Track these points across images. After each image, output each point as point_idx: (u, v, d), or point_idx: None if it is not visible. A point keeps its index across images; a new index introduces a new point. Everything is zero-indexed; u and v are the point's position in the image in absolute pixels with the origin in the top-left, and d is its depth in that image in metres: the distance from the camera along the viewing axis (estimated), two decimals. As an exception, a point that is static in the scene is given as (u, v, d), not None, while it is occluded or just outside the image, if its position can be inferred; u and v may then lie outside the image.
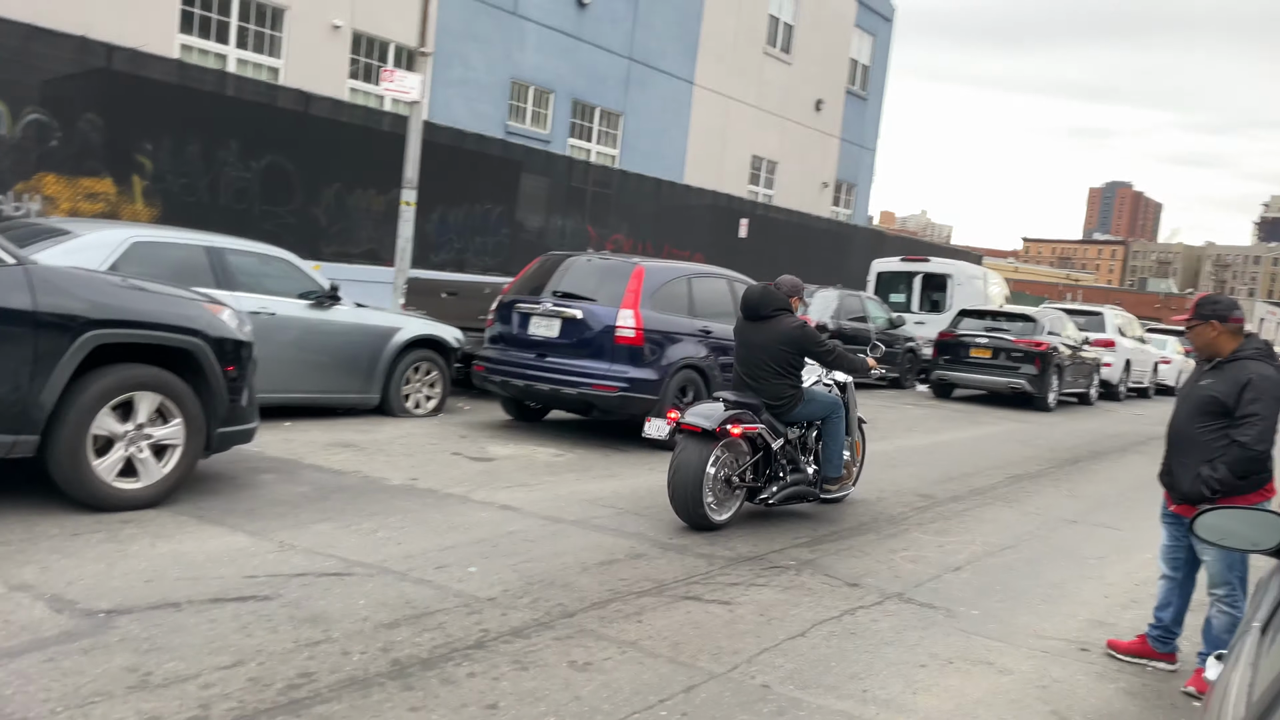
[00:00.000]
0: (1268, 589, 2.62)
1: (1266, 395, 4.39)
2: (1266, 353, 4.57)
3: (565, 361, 8.84)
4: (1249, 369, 4.47)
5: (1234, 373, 4.51)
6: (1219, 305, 4.71)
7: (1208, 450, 4.53)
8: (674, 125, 25.25)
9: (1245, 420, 4.40)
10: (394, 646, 4.03)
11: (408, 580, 4.85)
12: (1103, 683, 4.56)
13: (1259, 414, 4.37)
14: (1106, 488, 9.76)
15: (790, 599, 5.19)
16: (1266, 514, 2.85)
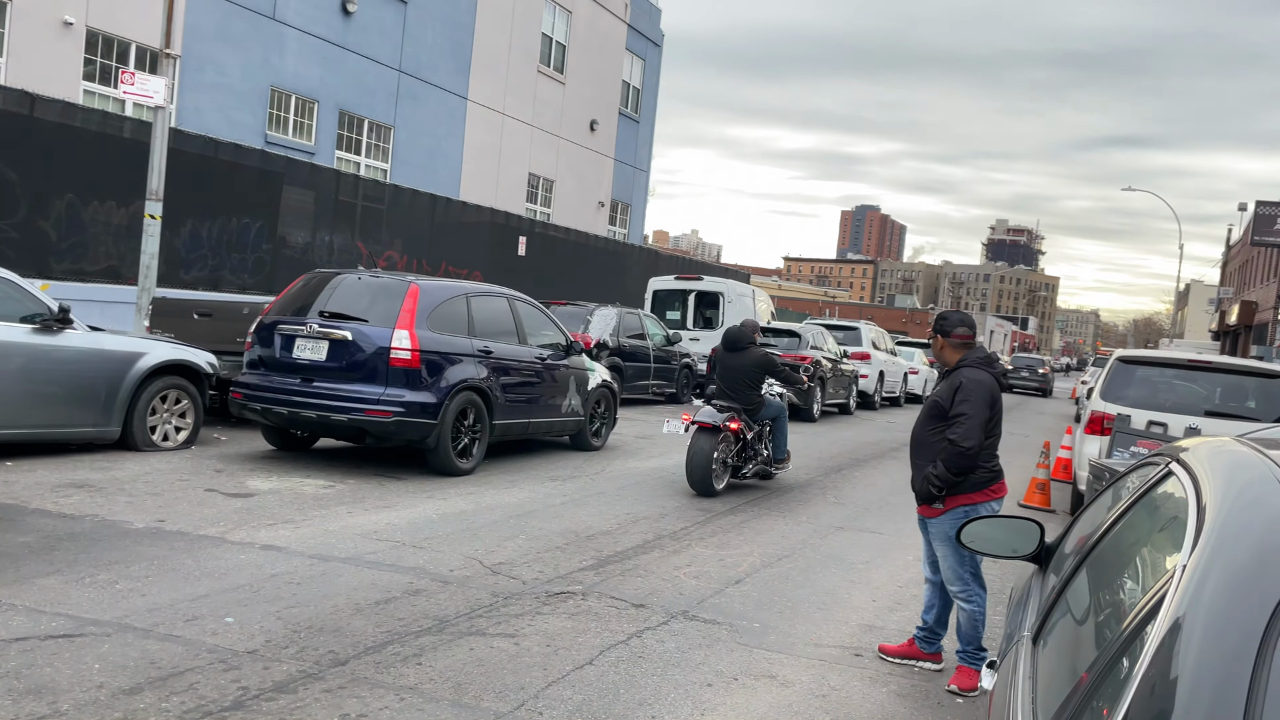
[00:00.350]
0: (1028, 595, 2.74)
1: (973, 396, 4.81)
2: (986, 361, 5.02)
3: (334, 386, 8.34)
4: (963, 375, 4.94)
5: (952, 379, 4.97)
6: (945, 321, 5.24)
7: (934, 451, 4.92)
8: (448, 140, 24.78)
9: (955, 420, 4.81)
10: (135, 715, 3.56)
11: (152, 637, 4.34)
12: (876, 687, 4.72)
13: (966, 413, 4.78)
14: (868, 493, 10.31)
15: (577, 626, 5.06)
16: (1023, 521, 3.00)
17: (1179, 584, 1.25)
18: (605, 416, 11.45)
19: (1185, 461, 1.81)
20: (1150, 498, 1.91)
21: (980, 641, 4.89)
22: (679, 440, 13.01)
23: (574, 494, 8.57)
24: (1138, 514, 1.95)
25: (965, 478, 4.86)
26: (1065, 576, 2.10)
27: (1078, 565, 2.04)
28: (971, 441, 4.75)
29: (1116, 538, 1.97)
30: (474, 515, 7.36)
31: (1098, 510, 2.69)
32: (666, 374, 18.24)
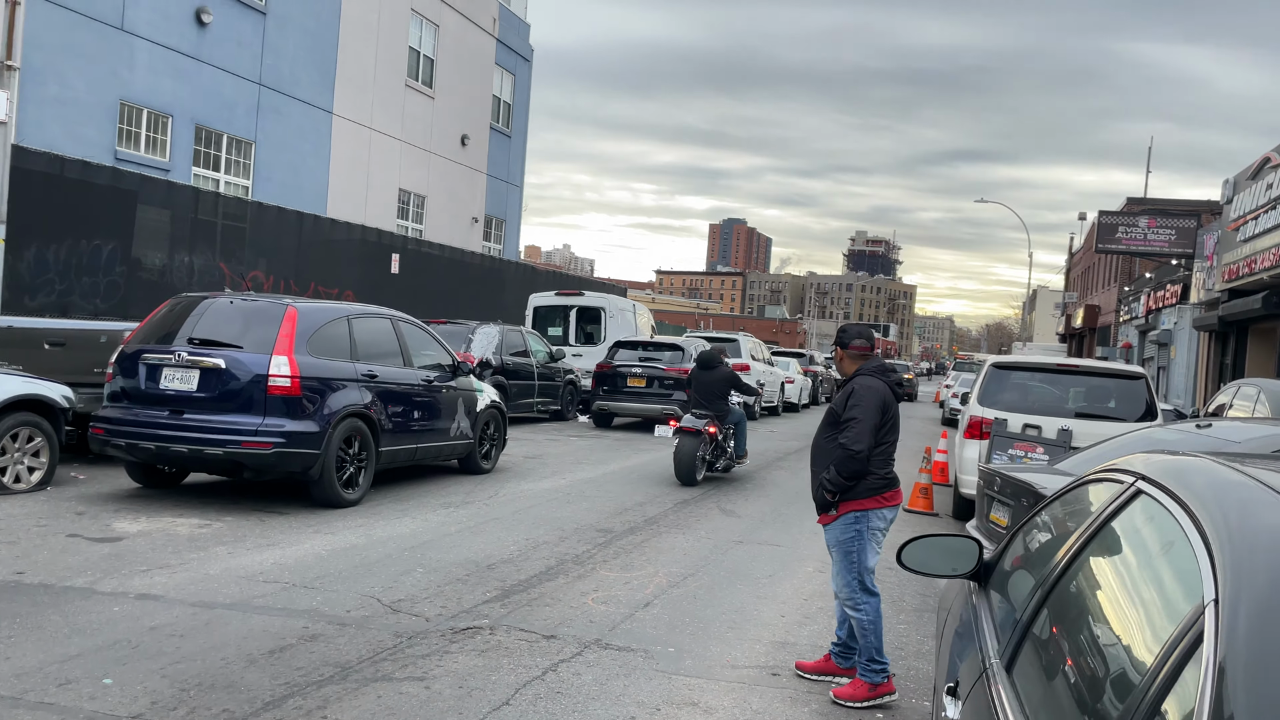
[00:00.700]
0: (976, 616, 2.71)
1: (864, 402, 4.90)
2: (880, 370, 5.13)
3: (207, 418, 7.84)
4: (856, 382, 5.04)
5: (848, 387, 5.06)
6: (845, 334, 5.37)
7: (829, 457, 4.93)
8: (313, 156, 23.94)
9: (845, 424, 4.89)
10: (6, 803, 3.18)
11: (22, 706, 3.91)
12: (797, 707, 4.68)
13: (856, 418, 4.86)
14: (761, 505, 10.37)
15: (489, 663, 4.84)
16: (961, 539, 2.99)
17: (1217, 623, 1.20)
18: (495, 438, 11.19)
19: (1161, 484, 1.79)
20: (1124, 523, 1.89)
21: (876, 652, 4.83)
22: (569, 460, 12.85)
23: (469, 521, 8.30)
24: (1108, 539, 1.92)
25: (857, 483, 4.89)
26: (1031, 603, 2.06)
27: (1046, 593, 2.00)
28: (861, 445, 4.80)
29: (1090, 565, 1.94)
30: (366, 549, 7.01)
31: (1041, 530, 2.69)
32: (551, 391, 18.03)
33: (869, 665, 4.84)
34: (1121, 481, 2.08)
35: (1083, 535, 2.03)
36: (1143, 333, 35.96)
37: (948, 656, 3.21)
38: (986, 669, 2.11)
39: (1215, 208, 29.57)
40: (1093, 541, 1.97)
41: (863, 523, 4.96)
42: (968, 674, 2.31)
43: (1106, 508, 2.02)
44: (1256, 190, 19.55)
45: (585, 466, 12.25)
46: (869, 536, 4.97)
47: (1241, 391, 11.53)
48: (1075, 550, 2.01)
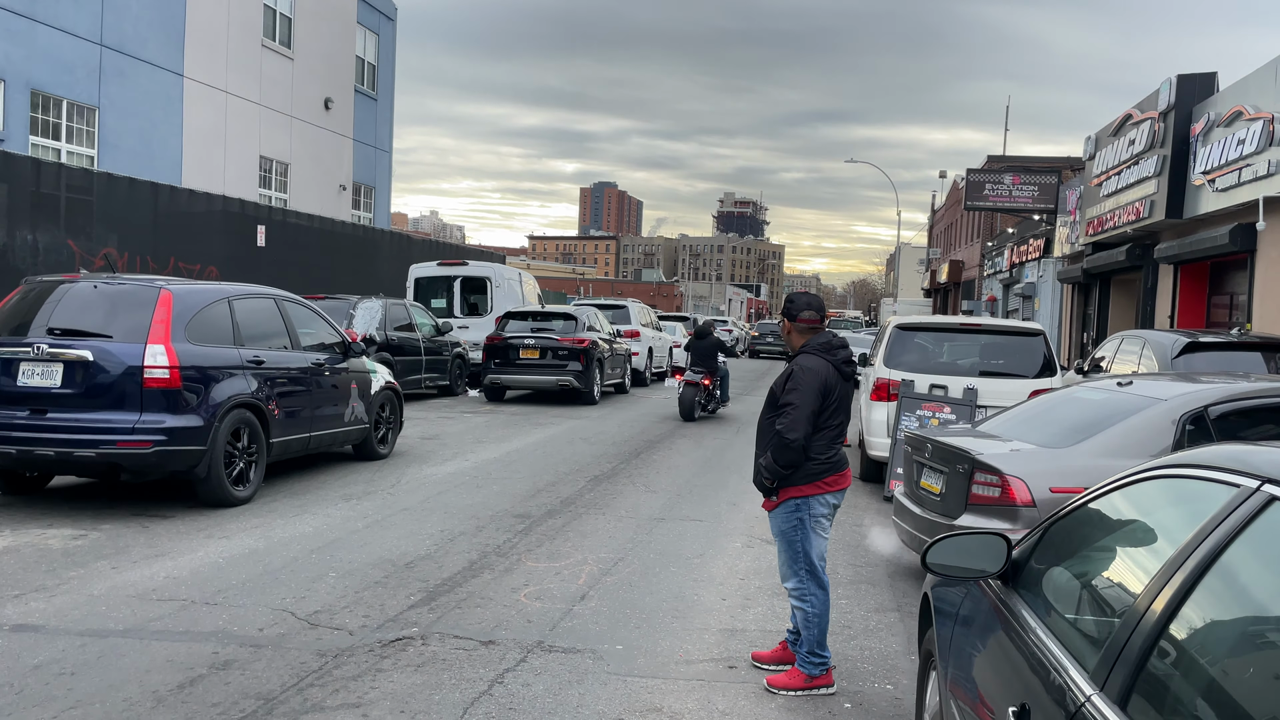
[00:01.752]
0: (1023, 626, 2.47)
1: (802, 386, 4.57)
2: (826, 348, 4.74)
3: (75, 416, 7.03)
4: (797, 362, 4.70)
5: (790, 367, 4.73)
6: (792, 305, 4.98)
7: (769, 441, 4.64)
8: (164, 123, 22.30)
9: (782, 409, 4.59)
10: None
11: (-119, 785, 3.29)
12: (763, 703, 4.44)
13: (793, 403, 4.55)
14: (673, 477, 10.14)
15: (428, 680, 4.42)
16: (987, 536, 2.75)
17: None
18: (391, 421, 10.58)
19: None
20: (1267, 537, 1.65)
21: (818, 645, 4.60)
22: (469, 440, 12.33)
23: (375, 514, 7.76)
24: (1252, 556, 1.68)
25: (795, 470, 4.62)
26: (1139, 630, 1.80)
27: (1165, 621, 1.74)
28: (796, 433, 4.50)
29: (1232, 588, 1.69)
30: (267, 554, 6.42)
31: (1097, 531, 2.45)
32: (439, 366, 17.37)
33: (808, 657, 4.61)
34: (1235, 484, 1.84)
35: (1202, 544, 1.78)
36: (1006, 286, 37.46)
37: (961, 656, 2.99)
38: (1089, 701, 1.85)
39: (1075, 164, 30.87)
40: (1226, 555, 1.72)
41: (804, 510, 4.69)
42: (1044, 698, 2.06)
43: (1227, 515, 1.78)
44: (1119, 146, 20.35)
45: (486, 445, 11.77)
46: (811, 524, 4.70)
47: (1124, 344, 11.91)
48: (1199, 563, 1.76)
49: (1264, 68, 14.79)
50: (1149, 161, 18.49)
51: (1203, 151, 16.57)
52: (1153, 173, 18.26)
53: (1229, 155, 15.43)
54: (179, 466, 7.31)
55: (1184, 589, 1.77)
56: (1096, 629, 2.08)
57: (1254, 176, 14.56)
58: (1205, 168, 16.36)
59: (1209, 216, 16.63)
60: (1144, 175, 18.73)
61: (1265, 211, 14.35)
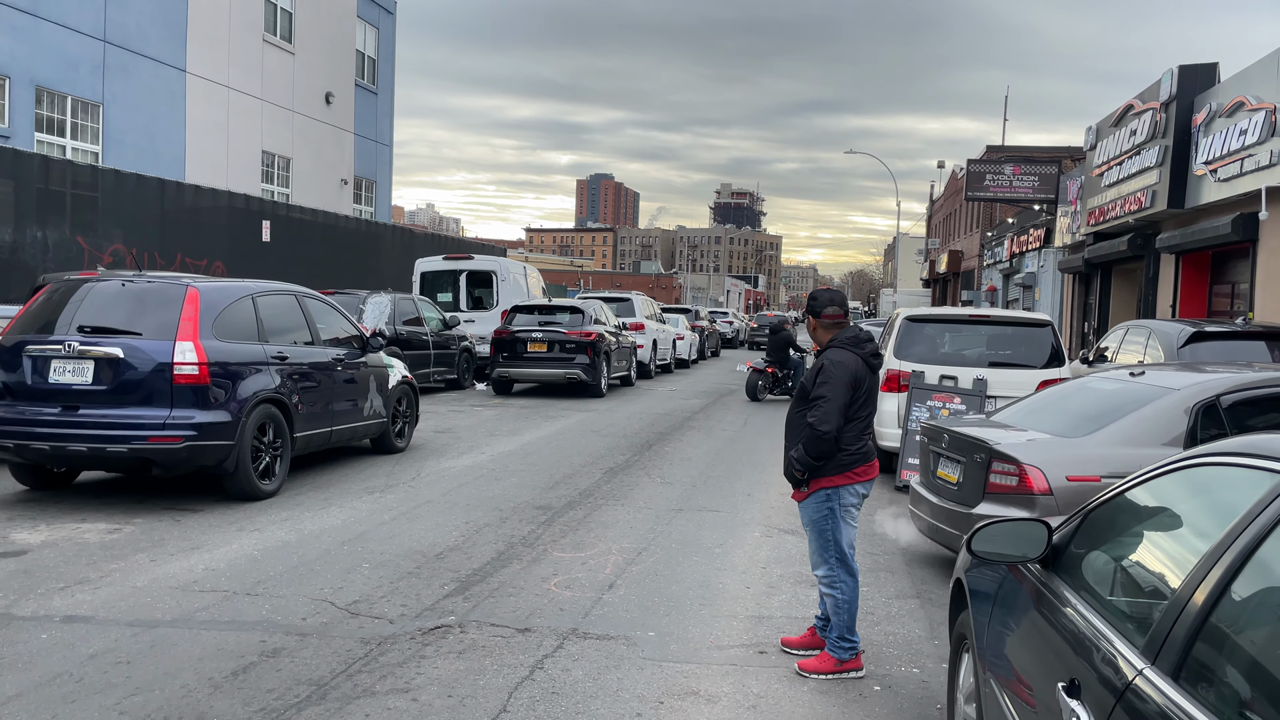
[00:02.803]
0: (1064, 604, 2.60)
1: (833, 379, 4.71)
2: (854, 342, 4.89)
3: (107, 413, 7.16)
4: (827, 356, 4.84)
5: (818, 361, 4.87)
6: (816, 302, 5.12)
7: (800, 434, 4.79)
8: (167, 118, 22.36)
9: (814, 402, 4.72)
10: None
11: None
12: (796, 686, 4.58)
13: (825, 396, 4.68)
14: (688, 469, 10.28)
15: (471, 666, 4.56)
16: (1028, 523, 2.89)
17: None
18: (408, 415, 10.71)
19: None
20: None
21: (847, 630, 4.75)
22: (482, 433, 12.46)
23: (400, 506, 7.89)
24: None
25: (827, 461, 4.76)
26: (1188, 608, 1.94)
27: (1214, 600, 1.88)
28: (829, 426, 4.64)
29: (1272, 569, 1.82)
30: (300, 546, 6.56)
31: (1140, 518, 2.59)
32: (447, 360, 17.49)
33: (838, 642, 4.76)
34: (1277, 471, 1.98)
35: (1247, 528, 1.92)
36: (1006, 276, 37.58)
37: (998, 639, 3.12)
38: (1140, 674, 1.99)
39: (1075, 154, 30.98)
40: (1270, 539, 1.86)
41: (834, 500, 4.83)
42: (1092, 673, 2.19)
43: (1272, 500, 1.92)
44: (1120, 136, 20.47)
45: (500, 439, 11.91)
46: (841, 514, 4.84)
47: (1129, 334, 12.05)
48: (1246, 546, 1.89)
49: (1266, 58, 14.91)
50: (1151, 152, 18.61)
51: (1204, 142, 16.69)
52: (1154, 163, 18.38)
53: (1231, 145, 15.55)
54: (208, 461, 7.44)
55: (1231, 572, 1.90)
56: (1143, 609, 2.22)
57: (1256, 166, 14.69)
58: (1207, 158, 16.49)
59: (1211, 206, 16.77)
60: (1146, 165, 18.86)
61: (1267, 201, 14.49)
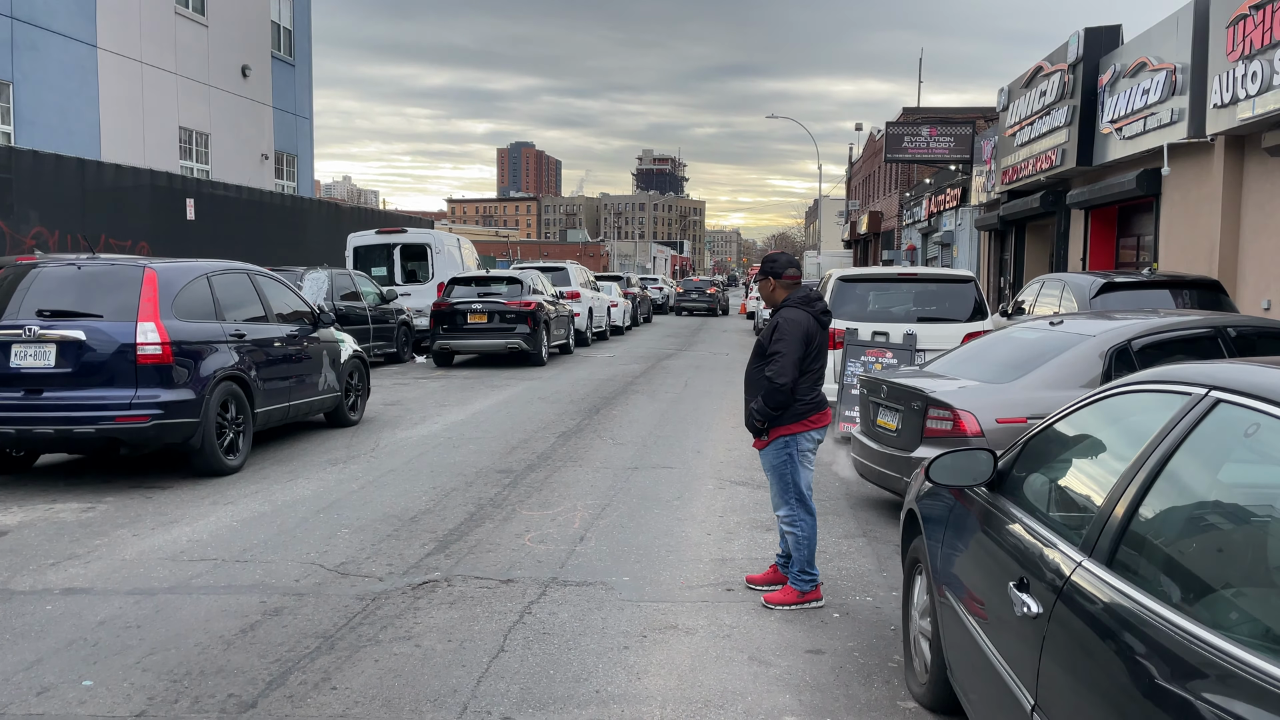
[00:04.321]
0: (1012, 519, 3.04)
1: (788, 336, 5.15)
2: (805, 301, 5.35)
3: (71, 395, 7.24)
4: (781, 315, 5.28)
5: (774, 319, 5.29)
6: (775, 264, 5.51)
7: (759, 387, 5.21)
8: (80, 95, 21.75)
9: (771, 357, 5.16)
10: (56, 823, 3.02)
11: (8, 719, 3.66)
12: (764, 617, 5.02)
13: (780, 351, 5.13)
14: (637, 430, 10.67)
15: (464, 614, 4.90)
16: (978, 452, 3.33)
17: None
18: (360, 389, 10.89)
19: (1251, 394, 2.12)
20: (1213, 431, 2.21)
21: (808, 564, 5.19)
22: (431, 404, 12.69)
23: (365, 476, 8.13)
24: (1201, 447, 2.23)
25: (784, 411, 5.20)
26: (1119, 507, 2.36)
27: (1139, 497, 2.30)
28: (785, 378, 5.08)
29: (1190, 472, 2.25)
30: (277, 516, 6.78)
31: (1075, 441, 3.03)
32: (386, 334, 17.56)
33: (800, 576, 5.21)
34: (1188, 393, 2.41)
35: (1164, 441, 2.35)
36: (925, 235, 38.68)
37: (950, 556, 3.57)
38: (1079, 566, 2.42)
39: (988, 114, 31.95)
40: (1184, 447, 2.28)
41: (792, 446, 5.27)
42: (1041, 569, 2.63)
43: (1182, 416, 2.35)
44: (1031, 97, 21.30)
45: (450, 409, 12.14)
46: (799, 458, 5.28)
47: (1045, 288, 12.76)
48: (1163, 455, 2.32)
49: (1166, 20, 15.72)
50: (1060, 112, 19.44)
51: (1110, 101, 17.54)
52: (1063, 122, 19.22)
53: (1134, 105, 16.40)
54: (175, 439, 7.57)
55: (1151, 476, 2.34)
56: (1078, 516, 2.66)
57: (1158, 124, 15.54)
58: (1112, 117, 17.34)
59: (1117, 163, 17.65)
60: (1055, 125, 19.69)
61: (1169, 158, 15.35)
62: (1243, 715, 1.63)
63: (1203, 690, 1.76)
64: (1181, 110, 14.76)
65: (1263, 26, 12.38)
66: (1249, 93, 12.67)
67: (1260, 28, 12.43)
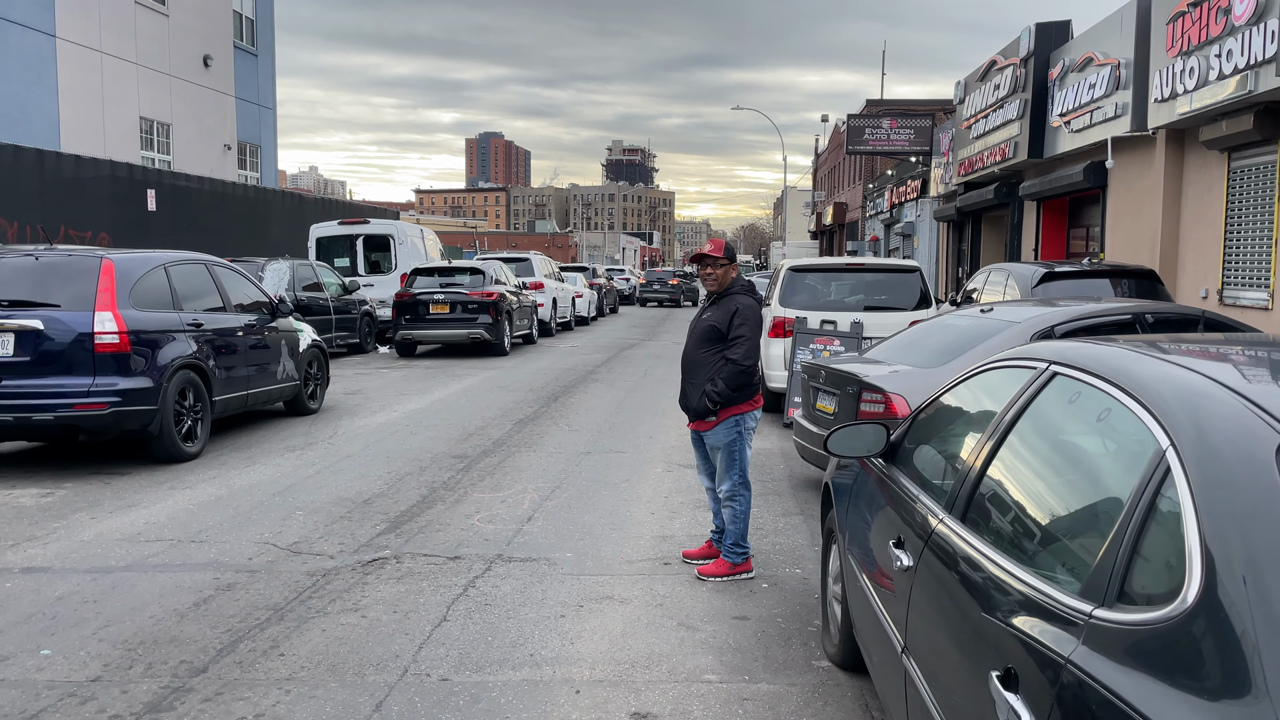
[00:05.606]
0: (900, 486, 3.33)
1: (750, 320, 5.49)
2: (748, 288, 5.68)
3: (29, 383, 7.38)
4: (736, 301, 5.58)
5: (726, 305, 5.58)
6: (731, 250, 5.79)
7: (708, 371, 5.50)
8: (38, 85, 21.62)
9: (734, 341, 5.45)
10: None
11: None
12: (696, 587, 5.30)
13: (745, 335, 5.44)
14: (593, 417, 10.93)
15: (410, 588, 5.14)
16: (871, 425, 3.62)
17: (1181, 460, 1.77)
18: (319, 377, 11.06)
19: (1078, 366, 2.40)
20: (1050, 399, 2.49)
21: (741, 538, 5.49)
22: (391, 393, 12.87)
23: (322, 462, 8.33)
24: (1040, 413, 2.51)
25: (741, 392, 5.49)
26: (973, 470, 2.65)
27: (987, 459, 2.60)
28: (752, 360, 5.40)
29: (1027, 436, 2.53)
30: (233, 499, 6.98)
31: (949, 413, 3.32)
32: (348, 324, 17.68)
33: (733, 548, 5.51)
34: (1034, 367, 2.70)
35: (1012, 409, 2.65)
36: (888, 226, 39.18)
37: (854, 523, 3.87)
38: (941, 521, 2.71)
39: (947, 106, 32.44)
40: (1025, 414, 2.58)
41: (741, 424, 5.56)
42: (913, 527, 2.92)
43: (1028, 388, 2.64)
44: (985, 90, 21.74)
45: (409, 398, 12.34)
46: (746, 436, 5.59)
47: (991, 277, 13.15)
48: (1009, 422, 2.62)
49: (1111, 16, 16.15)
50: (1012, 105, 19.88)
51: (1059, 95, 17.98)
52: (1016, 116, 19.66)
53: (1082, 99, 16.84)
54: (133, 426, 7.73)
55: (998, 440, 2.63)
56: (947, 480, 2.95)
57: (1104, 118, 15.98)
58: (1062, 110, 17.78)
59: (1066, 156, 18.11)
60: (1008, 118, 20.13)
61: (1113, 151, 15.81)
62: (1037, 635, 1.91)
63: (1011, 615, 2.05)
64: (1125, 104, 15.20)
65: (1200, 24, 12.80)
66: (1187, 88, 13.10)
67: (1197, 25, 12.86)
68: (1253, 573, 1.52)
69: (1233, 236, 13.36)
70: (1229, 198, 13.37)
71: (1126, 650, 1.67)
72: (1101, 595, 1.83)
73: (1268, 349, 2.49)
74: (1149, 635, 1.64)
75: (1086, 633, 1.78)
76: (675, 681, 4.07)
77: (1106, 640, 1.73)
